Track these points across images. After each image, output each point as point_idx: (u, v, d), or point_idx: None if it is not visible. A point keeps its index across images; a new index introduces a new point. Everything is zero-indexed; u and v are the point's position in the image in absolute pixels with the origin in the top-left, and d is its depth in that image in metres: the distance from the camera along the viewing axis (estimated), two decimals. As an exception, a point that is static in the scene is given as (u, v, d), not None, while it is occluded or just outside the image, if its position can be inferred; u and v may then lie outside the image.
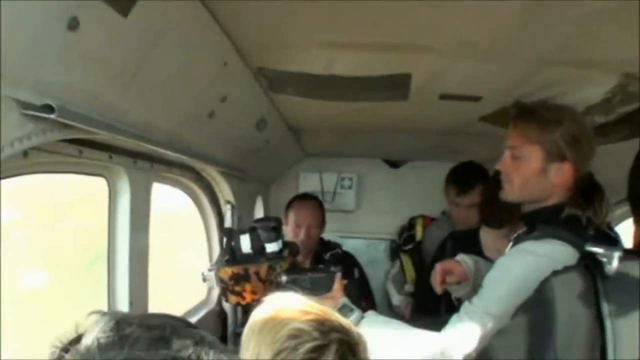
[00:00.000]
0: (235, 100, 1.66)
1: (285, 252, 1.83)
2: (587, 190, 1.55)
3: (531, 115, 1.55)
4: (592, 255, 1.04)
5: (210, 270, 1.75)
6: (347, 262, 2.69)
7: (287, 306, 1.04)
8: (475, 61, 1.48)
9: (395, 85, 1.68)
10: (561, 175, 1.51)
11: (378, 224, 3.50)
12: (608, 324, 0.97)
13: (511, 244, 1.60)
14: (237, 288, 1.72)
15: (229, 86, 1.59)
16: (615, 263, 0.98)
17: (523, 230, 1.60)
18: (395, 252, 3.36)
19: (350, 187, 3.51)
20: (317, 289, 1.65)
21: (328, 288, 1.67)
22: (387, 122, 2.37)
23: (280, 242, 1.81)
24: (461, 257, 1.78)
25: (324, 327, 0.98)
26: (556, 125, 1.50)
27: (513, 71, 1.55)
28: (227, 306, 2.52)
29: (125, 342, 0.60)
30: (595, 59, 1.37)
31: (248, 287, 1.72)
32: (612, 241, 1.68)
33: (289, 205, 2.79)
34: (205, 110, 1.62)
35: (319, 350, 0.95)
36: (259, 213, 3.16)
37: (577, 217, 1.52)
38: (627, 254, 1.02)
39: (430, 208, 3.32)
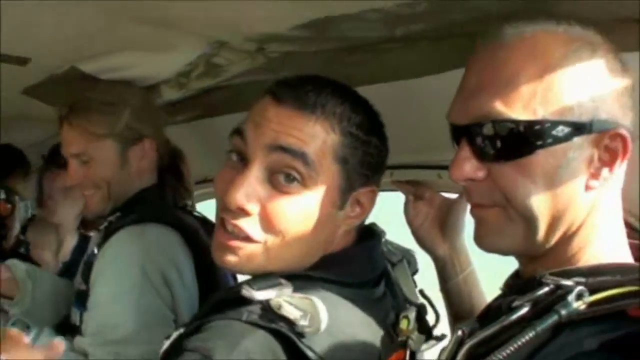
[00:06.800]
0: None
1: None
2: (173, 165, 1.40)
3: (87, 107, 1.29)
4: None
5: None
6: None
7: None
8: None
9: None
10: (143, 155, 1.33)
11: None
12: None
13: (97, 235, 1.32)
14: None
15: None
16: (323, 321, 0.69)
17: (116, 216, 1.30)
18: None
19: None
20: None
21: None
22: None
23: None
24: (13, 262, 1.40)
25: None
26: (121, 107, 1.30)
27: (67, 26, 1.08)
28: None
29: None
30: (182, 17, 1.04)
31: None
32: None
33: None
34: None
35: None
36: None
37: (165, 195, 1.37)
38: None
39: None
